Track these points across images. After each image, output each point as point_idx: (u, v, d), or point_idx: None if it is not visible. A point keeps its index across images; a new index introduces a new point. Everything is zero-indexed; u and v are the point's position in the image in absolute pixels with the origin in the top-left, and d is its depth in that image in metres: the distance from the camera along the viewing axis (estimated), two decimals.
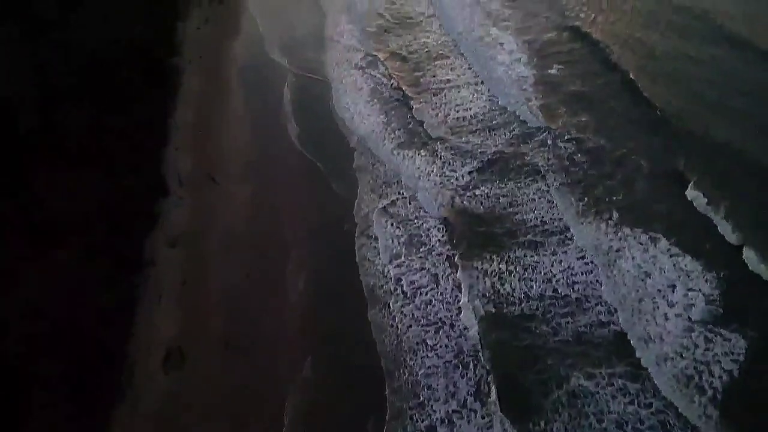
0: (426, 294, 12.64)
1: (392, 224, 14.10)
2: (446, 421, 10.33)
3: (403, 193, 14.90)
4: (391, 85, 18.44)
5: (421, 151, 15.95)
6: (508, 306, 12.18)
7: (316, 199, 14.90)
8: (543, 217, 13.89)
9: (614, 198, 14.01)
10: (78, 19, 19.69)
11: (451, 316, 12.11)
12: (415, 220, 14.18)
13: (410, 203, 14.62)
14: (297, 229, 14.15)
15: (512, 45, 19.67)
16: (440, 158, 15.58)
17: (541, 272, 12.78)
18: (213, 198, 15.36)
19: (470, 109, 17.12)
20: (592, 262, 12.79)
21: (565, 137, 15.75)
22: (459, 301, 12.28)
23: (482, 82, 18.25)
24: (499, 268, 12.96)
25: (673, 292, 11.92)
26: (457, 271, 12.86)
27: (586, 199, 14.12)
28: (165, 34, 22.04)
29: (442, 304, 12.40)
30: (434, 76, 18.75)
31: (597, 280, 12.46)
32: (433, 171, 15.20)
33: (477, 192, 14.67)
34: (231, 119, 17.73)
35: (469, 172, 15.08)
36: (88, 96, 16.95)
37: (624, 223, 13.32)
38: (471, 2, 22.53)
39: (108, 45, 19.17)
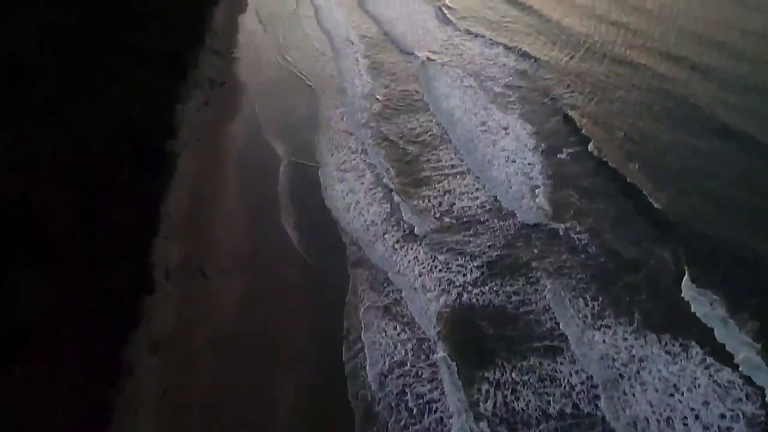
0: (437, 411, 11.30)
1: (394, 327, 12.99)
2: None
3: (404, 293, 13.83)
4: (387, 174, 17.74)
5: (421, 246, 14.98)
6: (523, 427, 10.86)
7: (309, 298, 13.84)
8: (560, 317, 12.84)
9: (635, 298, 13.04)
10: (69, 100, 19.59)
11: None
12: (422, 322, 13.07)
13: (412, 302, 13.56)
14: (287, 332, 12.99)
15: (519, 130, 19.29)
16: (443, 253, 14.67)
17: (560, 384, 11.56)
18: (201, 295, 14.29)
19: (477, 198, 16.46)
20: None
21: (577, 229, 15.02)
22: (481, 420, 10.89)
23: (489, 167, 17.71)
24: (512, 379, 11.74)
25: (708, 410, 10.70)
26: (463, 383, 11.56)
27: (600, 299, 13.16)
28: (162, 116, 21.95)
29: None
30: (433, 164, 18.19)
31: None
32: (436, 267, 14.24)
33: (485, 289, 13.70)
34: (225, 207, 17.05)
35: (477, 267, 14.16)
36: (75, 182, 16.34)
37: (648, 327, 12.28)
38: (473, 85, 22.55)
39: (101, 128, 18.88)
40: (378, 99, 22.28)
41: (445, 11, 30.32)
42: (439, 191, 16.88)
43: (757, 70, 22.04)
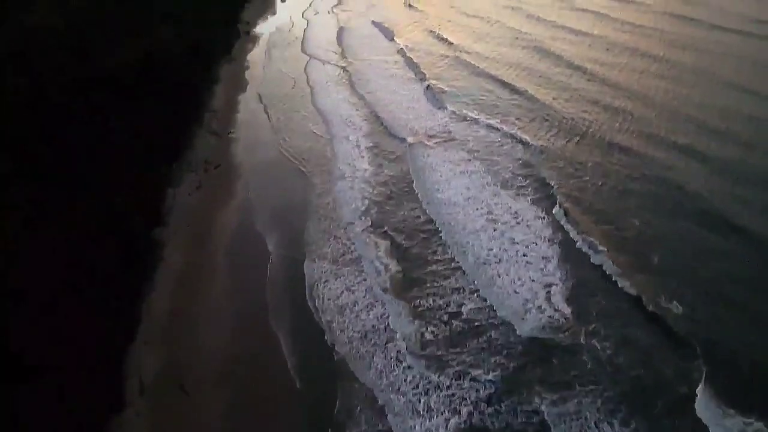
0: None
1: None
2: None
3: (405, 417, 12.13)
4: (386, 271, 16.32)
5: (425, 359, 13.36)
6: None
7: (296, 421, 12.13)
8: None
9: (677, 423, 11.48)
10: (48, 185, 18.55)
11: None
12: None
13: (414, 430, 11.84)
14: None
15: (527, 222, 18.19)
16: (450, 367, 13.09)
17: None
18: (178, 414, 12.57)
19: (486, 298, 15.16)
20: None
21: (602, 335, 13.70)
22: None
23: (497, 263, 16.54)
24: None
25: None
26: None
27: (634, 424, 11.60)
28: (151, 202, 20.98)
29: None
30: (438, 257, 16.95)
31: None
32: (443, 384, 12.65)
33: (500, 409, 12.12)
34: (211, 306, 15.65)
35: (490, 383, 12.64)
36: (46, 276, 15.02)
37: None
38: (472, 171, 21.85)
39: (82, 217, 17.76)
40: (375, 186, 21.30)
41: (439, 94, 30.37)
42: (445, 290, 15.52)
43: (763, 159, 21.64)
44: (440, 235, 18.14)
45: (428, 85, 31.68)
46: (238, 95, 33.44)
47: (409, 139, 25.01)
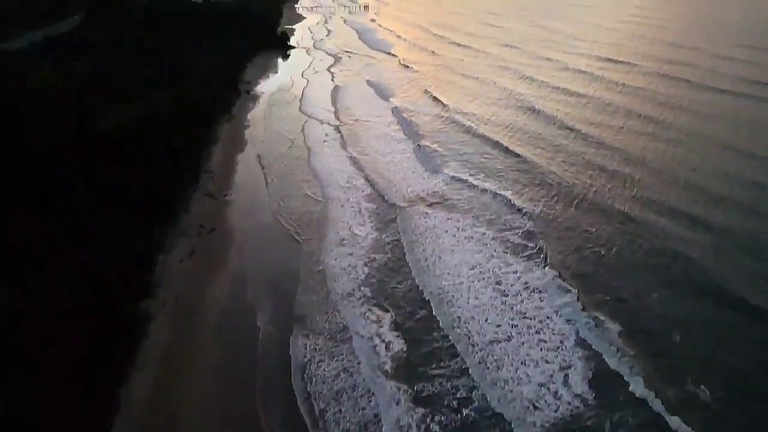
0: None
1: None
2: None
3: None
4: (385, 350, 15.38)
5: None
6: None
7: None
8: None
9: None
10: (29, 255, 17.71)
11: None
12: None
13: None
14: None
15: (538, 294, 17.55)
16: None
17: None
18: None
19: (496, 383, 13.96)
20: None
21: (629, 425, 12.67)
22: None
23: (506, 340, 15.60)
24: None
25: None
26: None
27: None
28: (140, 271, 20.10)
29: None
30: (444, 333, 15.97)
31: None
32: None
33: None
34: (196, 393, 14.47)
35: None
36: (19, 361, 14.01)
37: None
38: (479, 238, 21.22)
39: (64, 290, 16.84)
40: (370, 255, 20.55)
41: (434, 156, 30.17)
42: (451, 373, 14.50)
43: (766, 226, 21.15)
44: (443, 309, 17.27)
45: (419, 145, 31.81)
46: (237, 155, 33.31)
47: (404, 205, 24.51)
